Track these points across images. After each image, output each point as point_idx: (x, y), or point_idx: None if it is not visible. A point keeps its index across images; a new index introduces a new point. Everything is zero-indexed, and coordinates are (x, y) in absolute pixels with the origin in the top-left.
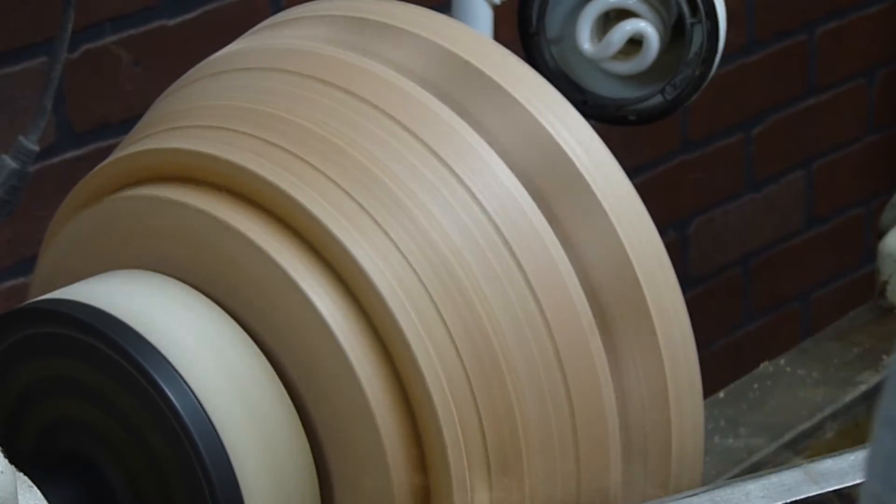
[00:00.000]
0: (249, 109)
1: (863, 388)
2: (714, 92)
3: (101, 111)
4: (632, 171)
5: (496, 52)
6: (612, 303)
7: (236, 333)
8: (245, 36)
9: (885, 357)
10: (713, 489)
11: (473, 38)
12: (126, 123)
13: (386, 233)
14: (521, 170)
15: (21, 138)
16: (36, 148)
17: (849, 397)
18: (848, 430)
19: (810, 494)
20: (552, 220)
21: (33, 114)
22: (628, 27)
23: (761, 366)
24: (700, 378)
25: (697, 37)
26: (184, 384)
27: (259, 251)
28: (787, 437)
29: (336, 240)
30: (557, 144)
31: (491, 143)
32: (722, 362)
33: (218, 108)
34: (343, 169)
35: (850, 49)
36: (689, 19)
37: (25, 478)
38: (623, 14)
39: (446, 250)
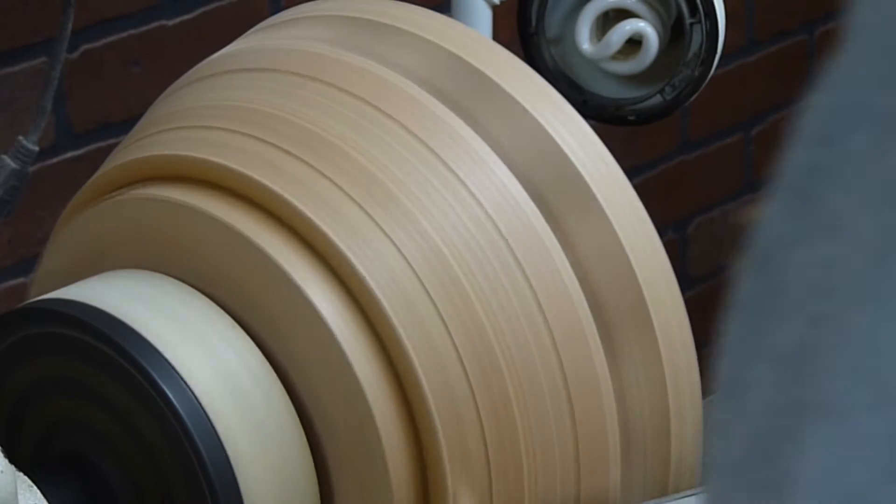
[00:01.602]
0: (249, 110)
1: None
2: (714, 92)
3: (101, 111)
4: (631, 171)
5: (495, 51)
6: (612, 304)
7: (236, 334)
8: (245, 36)
9: None
10: None
11: (472, 37)
12: (126, 123)
13: (385, 233)
14: (520, 170)
15: (21, 138)
16: (36, 148)
17: None
18: None
19: None
20: (552, 220)
21: (33, 114)
22: (627, 27)
23: None
24: (699, 379)
25: (697, 37)
26: (183, 384)
27: (259, 251)
28: None
29: (332, 241)
30: (557, 145)
31: (489, 143)
32: None
33: (218, 108)
34: (342, 169)
35: None
36: (688, 19)
37: (25, 477)
38: (622, 14)
39: (446, 251)
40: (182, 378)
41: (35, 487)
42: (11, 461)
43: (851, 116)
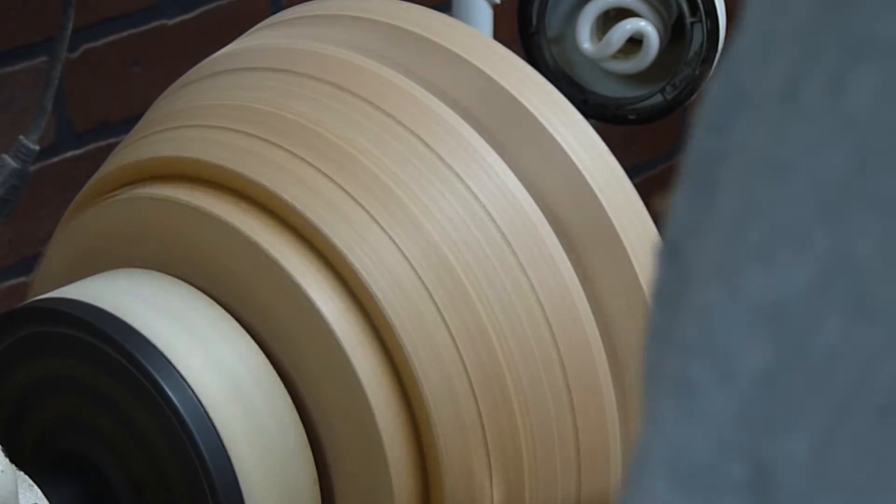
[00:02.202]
0: (250, 109)
1: None
2: None
3: (101, 111)
4: (632, 171)
5: (496, 51)
6: (614, 305)
7: (237, 333)
8: (245, 36)
9: None
10: None
11: (473, 36)
12: (126, 123)
13: (387, 233)
14: (522, 170)
15: (22, 138)
16: (36, 147)
17: None
18: None
19: None
20: (554, 221)
21: (33, 114)
22: (628, 26)
23: None
24: None
25: (697, 36)
26: (184, 383)
27: (260, 252)
28: None
29: (333, 242)
30: (562, 148)
31: (491, 143)
32: None
33: (219, 107)
34: (344, 169)
35: None
36: (688, 18)
37: (26, 477)
38: (623, 13)
39: (447, 251)
40: (183, 377)
41: (36, 486)
42: (12, 460)
43: (734, 103)
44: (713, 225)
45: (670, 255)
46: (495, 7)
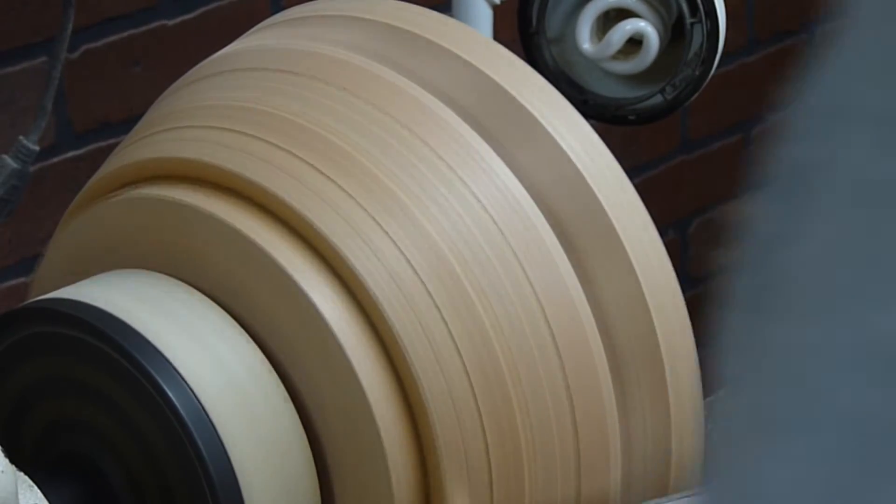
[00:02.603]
0: (250, 109)
1: None
2: (714, 92)
3: (101, 111)
4: (632, 171)
5: (496, 51)
6: (614, 305)
7: (236, 333)
8: (245, 36)
9: None
10: None
11: (472, 36)
12: (126, 123)
13: (386, 232)
14: (521, 170)
15: (22, 138)
16: (36, 148)
17: None
18: None
19: None
20: (553, 221)
21: (33, 114)
22: (628, 27)
23: None
24: (701, 380)
25: (697, 37)
26: (184, 383)
27: (259, 251)
28: None
29: (331, 242)
30: (561, 148)
31: (490, 143)
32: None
33: (219, 108)
34: (343, 169)
35: None
36: (688, 19)
37: (26, 477)
38: (623, 14)
39: (447, 251)
40: (182, 378)
41: (35, 487)
42: (12, 461)
43: (838, 115)
44: (815, 247)
45: (758, 261)
46: (495, 7)
